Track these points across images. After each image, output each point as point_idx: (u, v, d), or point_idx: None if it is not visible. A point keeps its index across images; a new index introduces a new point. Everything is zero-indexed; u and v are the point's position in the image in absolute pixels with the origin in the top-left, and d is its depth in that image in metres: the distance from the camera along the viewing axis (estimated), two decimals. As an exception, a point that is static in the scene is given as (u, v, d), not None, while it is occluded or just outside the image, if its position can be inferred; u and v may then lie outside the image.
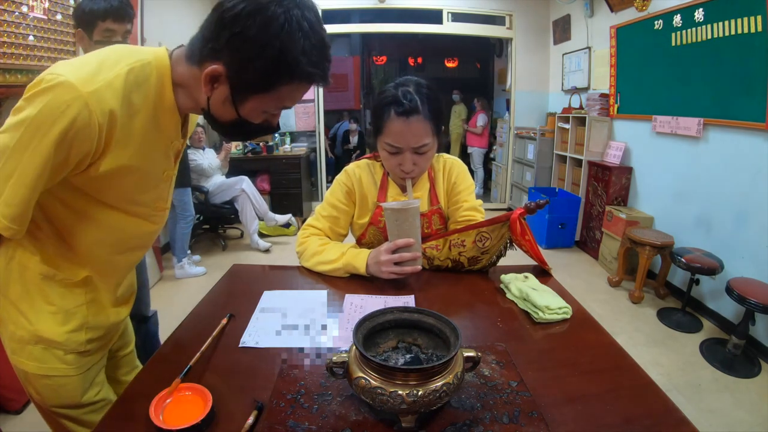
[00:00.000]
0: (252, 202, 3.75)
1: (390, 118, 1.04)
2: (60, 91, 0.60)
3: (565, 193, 4.10)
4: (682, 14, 2.75)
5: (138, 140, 0.70)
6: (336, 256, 1.11)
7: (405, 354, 0.70)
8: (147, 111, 0.70)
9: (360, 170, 1.23)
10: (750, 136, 2.36)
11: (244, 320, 0.90)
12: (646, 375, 0.74)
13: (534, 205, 1.04)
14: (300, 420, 0.61)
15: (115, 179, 0.71)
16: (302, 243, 1.20)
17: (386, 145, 1.07)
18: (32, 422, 1.74)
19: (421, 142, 1.05)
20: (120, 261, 0.86)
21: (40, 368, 0.79)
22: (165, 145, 0.77)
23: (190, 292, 2.97)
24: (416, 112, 1.02)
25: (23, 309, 0.76)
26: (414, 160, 1.07)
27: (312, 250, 1.16)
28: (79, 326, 0.80)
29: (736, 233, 2.46)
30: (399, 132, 1.04)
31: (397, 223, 1.02)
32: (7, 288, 0.76)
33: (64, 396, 0.81)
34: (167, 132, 0.75)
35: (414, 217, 1.02)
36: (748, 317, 2.12)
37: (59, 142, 0.61)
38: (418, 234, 1.04)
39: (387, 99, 1.04)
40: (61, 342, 0.78)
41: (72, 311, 0.79)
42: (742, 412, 1.84)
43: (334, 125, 6.78)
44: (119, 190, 0.74)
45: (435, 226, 1.23)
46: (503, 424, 0.61)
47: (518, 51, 4.98)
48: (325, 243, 1.17)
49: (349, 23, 5.51)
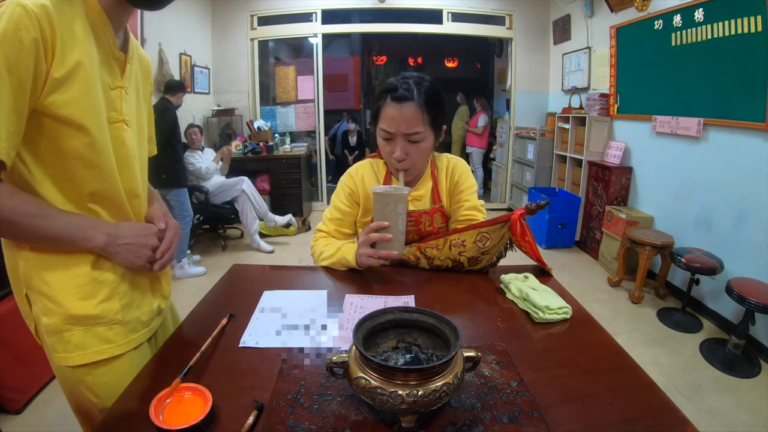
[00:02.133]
0: (252, 203, 3.75)
1: (386, 103, 1.08)
2: None
3: (565, 193, 4.10)
4: (682, 14, 2.75)
5: (82, 41, 0.70)
6: (333, 252, 1.17)
7: (405, 354, 0.70)
8: (81, 16, 0.71)
9: (362, 169, 1.25)
10: (750, 136, 2.36)
11: (244, 320, 0.90)
12: (646, 375, 0.74)
13: (534, 206, 1.04)
14: (300, 420, 0.61)
15: (73, 84, 0.69)
16: (312, 246, 1.28)
17: (381, 131, 1.12)
18: (32, 422, 1.74)
19: (412, 129, 1.07)
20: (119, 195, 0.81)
21: (84, 357, 0.76)
22: (105, 53, 0.76)
23: (190, 292, 2.97)
24: (410, 99, 1.05)
25: (48, 293, 0.74)
26: (406, 149, 1.10)
27: (319, 251, 1.23)
28: (109, 294, 0.78)
29: (736, 233, 2.46)
30: (392, 117, 1.07)
31: (379, 207, 1.04)
32: (30, 279, 0.75)
33: (124, 384, 0.72)
34: (102, 37, 0.75)
35: (396, 203, 1.02)
36: (748, 317, 2.12)
37: (3, 40, 0.61)
38: (398, 222, 1.04)
39: (386, 87, 1.10)
40: (97, 315, 0.76)
41: (99, 279, 0.77)
42: (742, 412, 1.84)
43: (333, 125, 6.78)
44: (78, 97, 0.71)
45: (437, 224, 1.23)
46: (503, 424, 0.61)
47: (518, 51, 4.98)
48: (328, 243, 1.23)
49: (349, 23, 5.52)
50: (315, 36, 4.97)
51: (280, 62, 5.68)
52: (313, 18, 4.88)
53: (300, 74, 5.22)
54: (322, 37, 5.01)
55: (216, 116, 4.85)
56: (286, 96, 5.23)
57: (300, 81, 5.21)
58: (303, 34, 5.04)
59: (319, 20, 4.87)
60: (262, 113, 5.22)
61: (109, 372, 0.79)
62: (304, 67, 5.23)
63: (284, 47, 6.40)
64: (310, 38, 5.07)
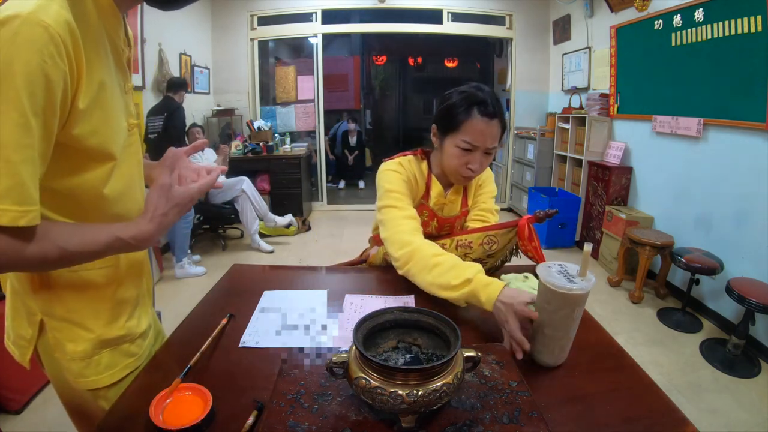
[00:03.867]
0: (252, 203, 3.75)
1: (472, 116, 1.06)
2: (1, 30, 0.50)
3: (565, 193, 4.10)
4: (682, 14, 2.75)
5: (99, 53, 0.62)
6: (459, 282, 0.91)
7: (405, 354, 0.70)
8: (93, 20, 0.62)
9: (411, 165, 1.20)
10: (750, 136, 2.36)
11: (244, 320, 0.90)
12: (646, 375, 0.74)
13: (543, 214, 1.06)
14: (300, 420, 0.61)
15: (96, 110, 0.62)
16: (406, 245, 1.02)
17: (462, 142, 1.07)
18: (32, 422, 1.74)
19: (494, 143, 1.10)
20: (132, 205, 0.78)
21: (113, 376, 0.75)
22: (117, 54, 0.69)
23: (190, 292, 2.97)
24: (497, 115, 1.07)
25: (78, 320, 0.72)
26: (482, 161, 1.11)
27: (424, 262, 0.98)
28: (131, 311, 0.78)
29: (736, 233, 2.46)
30: (480, 131, 1.06)
31: (550, 309, 0.74)
32: (50, 307, 0.70)
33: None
34: (114, 38, 0.68)
35: (575, 305, 0.72)
36: (748, 317, 2.12)
37: (27, 77, 0.50)
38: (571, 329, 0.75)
39: (470, 99, 1.06)
40: (125, 335, 0.76)
41: (122, 299, 0.76)
42: (742, 412, 1.84)
43: (333, 125, 6.79)
44: (103, 122, 0.64)
45: (461, 226, 1.26)
46: (503, 424, 0.61)
47: (518, 51, 4.98)
48: (440, 254, 0.99)
49: (349, 23, 5.51)
50: (315, 36, 4.97)
51: (280, 62, 5.68)
52: (313, 18, 4.88)
53: (300, 74, 5.21)
54: (322, 37, 5.00)
55: (216, 116, 4.85)
56: (286, 96, 5.23)
57: (300, 81, 5.21)
58: (303, 34, 5.04)
59: (319, 20, 4.87)
60: (262, 113, 5.22)
61: (128, 381, 0.78)
62: (304, 67, 5.22)
63: (284, 47, 6.40)
64: (310, 38, 5.06)
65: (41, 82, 0.51)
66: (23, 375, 1.83)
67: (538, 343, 0.77)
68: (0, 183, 0.50)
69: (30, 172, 0.53)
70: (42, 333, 0.73)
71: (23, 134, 0.51)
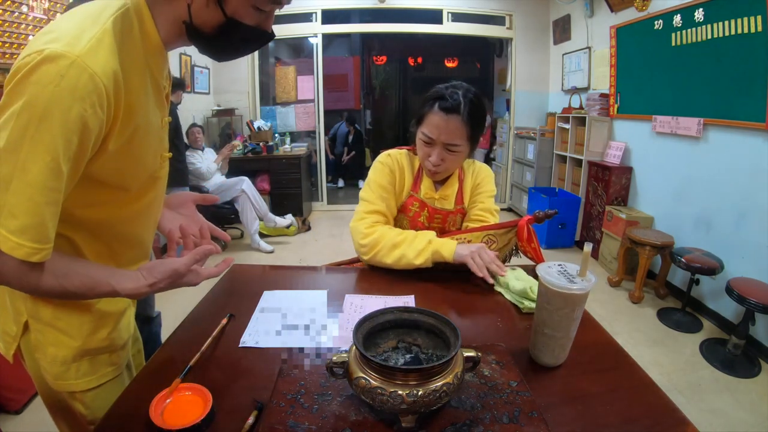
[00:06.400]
0: (252, 203, 3.75)
1: (432, 110, 1.09)
2: (47, 66, 0.49)
3: (565, 193, 4.10)
4: (682, 14, 2.75)
5: (140, 97, 0.62)
6: (423, 245, 1.07)
7: (405, 354, 0.70)
8: (139, 61, 0.62)
9: (401, 157, 1.24)
10: (750, 136, 2.36)
11: (244, 320, 0.90)
12: (646, 375, 0.74)
13: (543, 215, 1.07)
14: (300, 420, 0.61)
15: (126, 153, 0.63)
16: (369, 234, 1.12)
17: (422, 135, 1.13)
18: (32, 422, 1.74)
19: (452, 140, 1.10)
20: (146, 234, 0.81)
21: (90, 382, 0.76)
22: (158, 92, 0.70)
23: (190, 292, 2.96)
24: (456, 111, 1.07)
25: (62, 327, 0.72)
26: (442, 156, 1.12)
27: (391, 243, 1.10)
28: (115, 324, 0.79)
29: (736, 233, 2.46)
30: (436, 125, 1.09)
31: (549, 308, 0.74)
32: (36, 311, 0.71)
33: (115, 395, 0.73)
34: (158, 77, 0.68)
35: (575, 305, 0.72)
36: (748, 317, 2.12)
37: (65, 124, 0.50)
38: (571, 329, 0.75)
39: (435, 94, 1.11)
40: (106, 346, 0.77)
41: (106, 311, 0.77)
42: (742, 412, 1.84)
43: (333, 125, 6.79)
44: (130, 160, 0.65)
45: (456, 225, 1.27)
46: (503, 424, 0.61)
47: (518, 51, 4.97)
48: (400, 233, 1.12)
49: (349, 23, 5.51)
50: (315, 36, 4.97)
51: (280, 62, 5.67)
52: (313, 18, 4.88)
53: (300, 74, 5.21)
54: (322, 37, 5.00)
55: (216, 116, 4.85)
56: (286, 96, 5.23)
57: (300, 81, 5.21)
58: (303, 34, 5.04)
59: (319, 20, 4.86)
60: (262, 113, 5.22)
61: (107, 388, 0.79)
62: (304, 67, 5.22)
63: (284, 47, 6.39)
64: (310, 38, 5.06)
65: (78, 129, 0.52)
66: (23, 375, 1.82)
67: (538, 343, 0.77)
68: (22, 219, 0.52)
69: (52, 212, 0.55)
70: (26, 332, 0.74)
71: (53, 178, 0.53)
